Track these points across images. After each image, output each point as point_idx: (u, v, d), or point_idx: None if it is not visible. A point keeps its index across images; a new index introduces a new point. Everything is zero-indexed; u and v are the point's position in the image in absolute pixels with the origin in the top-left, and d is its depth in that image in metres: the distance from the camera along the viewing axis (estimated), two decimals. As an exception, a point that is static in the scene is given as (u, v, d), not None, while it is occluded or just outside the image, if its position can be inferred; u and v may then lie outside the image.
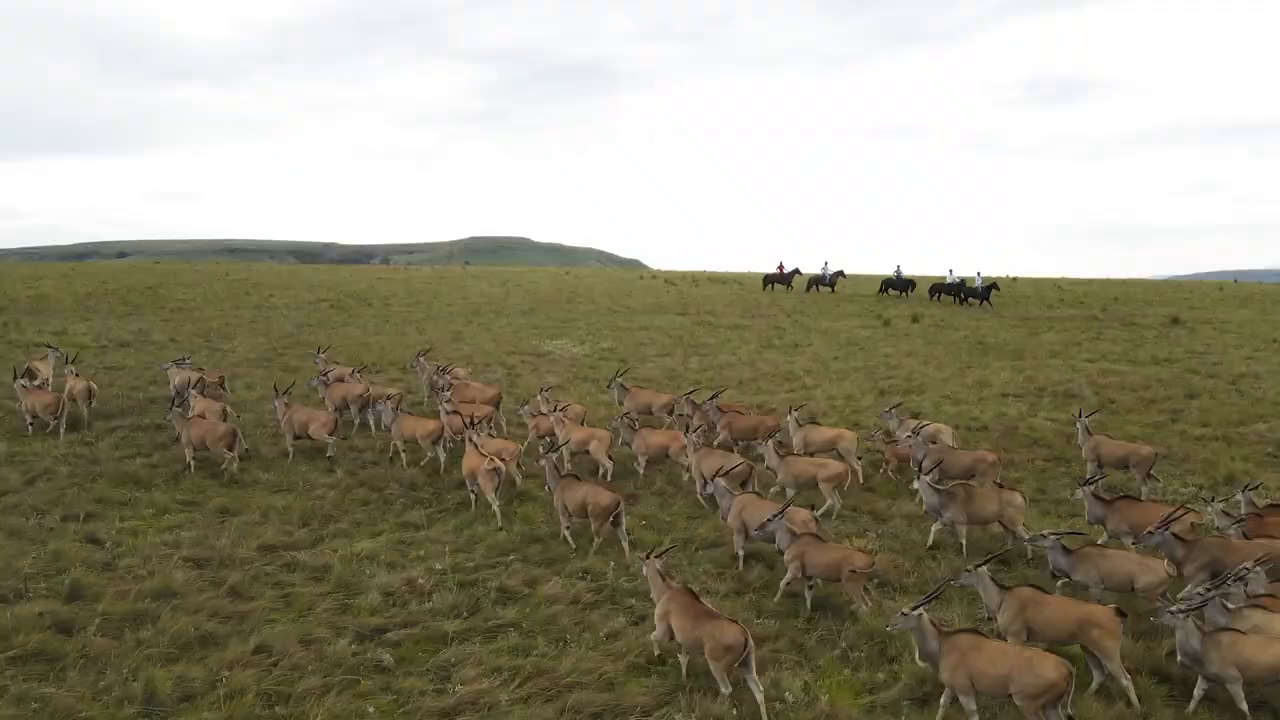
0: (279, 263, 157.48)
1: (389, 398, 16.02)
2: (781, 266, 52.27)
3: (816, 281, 50.05)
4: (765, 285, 51.61)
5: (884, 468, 15.05)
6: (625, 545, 11.38)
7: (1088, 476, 12.55)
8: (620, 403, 18.08)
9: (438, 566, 10.85)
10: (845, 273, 51.52)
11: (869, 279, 58.13)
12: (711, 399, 16.67)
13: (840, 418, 19.19)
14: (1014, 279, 65.91)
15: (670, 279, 62.70)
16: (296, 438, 15.41)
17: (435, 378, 19.01)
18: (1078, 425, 15.14)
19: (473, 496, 13.13)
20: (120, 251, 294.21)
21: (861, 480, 14.29)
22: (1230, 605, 8.25)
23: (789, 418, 15.66)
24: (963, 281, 45.46)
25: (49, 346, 21.34)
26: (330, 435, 15.22)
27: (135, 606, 9.53)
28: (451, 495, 13.70)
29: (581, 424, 15.84)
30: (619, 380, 18.56)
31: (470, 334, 31.61)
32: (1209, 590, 8.45)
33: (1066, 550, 9.76)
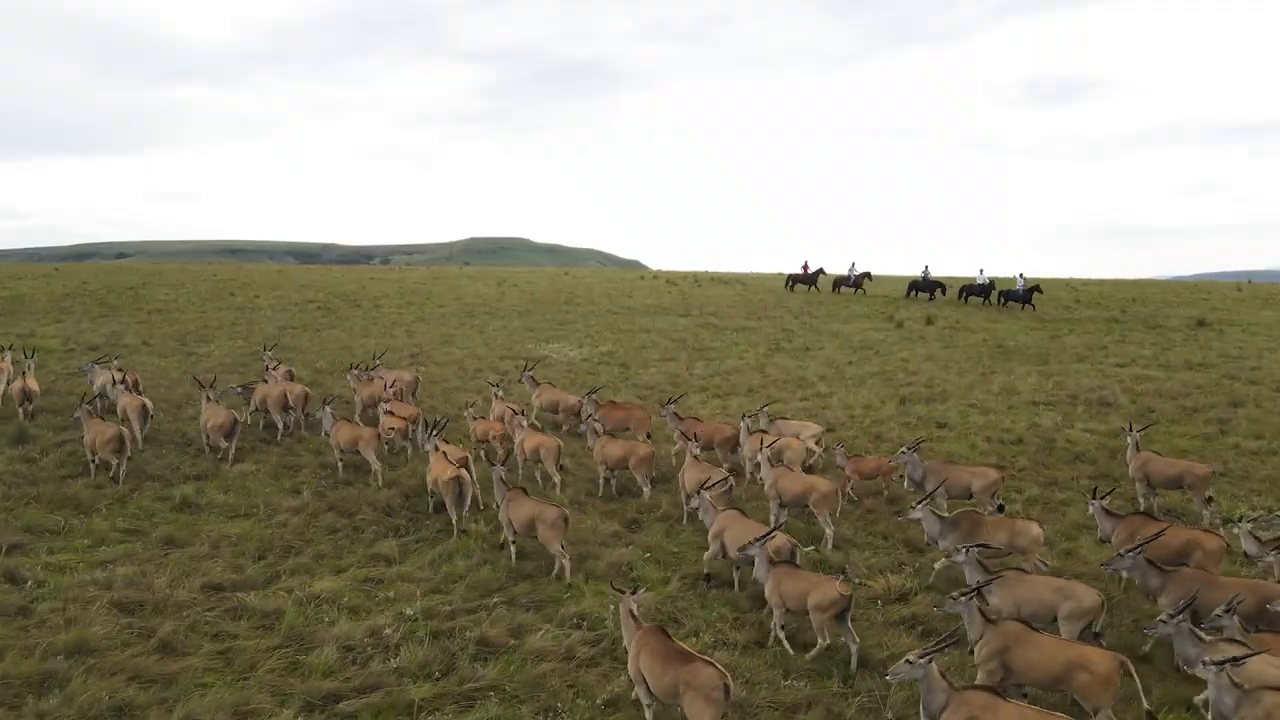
0: (277, 263, 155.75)
1: (327, 400, 15.29)
2: (806, 266, 50.30)
3: (841, 282, 48.34)
4: (789, 285, 49.89)
5: (845, 486, 13.50)
6: (565, 565, 10.40)
7: (1094, 490, 11.02)
8: (534, 397, 17.84)
9: (408, 612, 9.29)
10: (872, 274, 49.70)
11: (879, 280, 56.50)
12: (669, 403, 15.77)
13: (860, 429, 17.72)
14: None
15: (672, 279, 61.24)
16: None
17: (352, 376, 18.39)
18: (1129, 439, 13.61)
19: (456, 529, 11.66)
20: (120, 252, 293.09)
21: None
22: (1206, 638, 7.40)
23: (742, 423, 14.48)
24: (992, 282, 43.42)
25: (5, 348, 19.82)
26: (225, 438, 14.54)
27: (43, 666, 7.98)
28: (431, 522, 12.17)
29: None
30: (529, 374, 18.27)
31: (462, 337, 30.05)
32: (1172, 617, 7.51)
33: (986, 570, 8.80)
